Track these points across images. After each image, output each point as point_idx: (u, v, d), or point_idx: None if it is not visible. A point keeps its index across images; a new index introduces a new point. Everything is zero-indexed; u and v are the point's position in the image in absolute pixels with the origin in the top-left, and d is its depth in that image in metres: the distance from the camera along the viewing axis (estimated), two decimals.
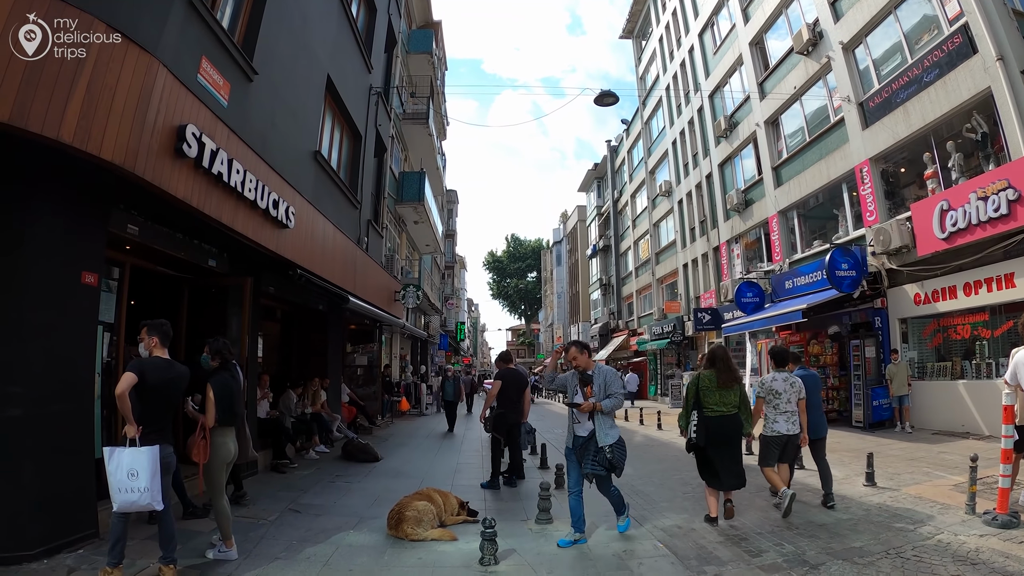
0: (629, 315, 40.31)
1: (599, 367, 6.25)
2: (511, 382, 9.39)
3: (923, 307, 14.03)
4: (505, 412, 9.24)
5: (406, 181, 22.83)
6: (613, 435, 6.01)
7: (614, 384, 6.07)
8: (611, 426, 6.06)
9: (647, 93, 36.25)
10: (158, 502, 4.64)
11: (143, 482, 4.54)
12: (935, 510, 6.76)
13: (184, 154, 5.97)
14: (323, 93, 12.11)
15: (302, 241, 9.70)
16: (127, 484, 4.51)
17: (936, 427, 13.21)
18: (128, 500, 4.52)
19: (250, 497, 7.64)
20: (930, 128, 13.92)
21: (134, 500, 4.54)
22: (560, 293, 65.04)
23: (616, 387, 6.07)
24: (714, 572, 5.17)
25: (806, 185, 19.04)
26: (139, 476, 4.53)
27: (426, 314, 32.27)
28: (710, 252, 26.62)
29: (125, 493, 4.51)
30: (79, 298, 5.66)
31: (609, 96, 15.22)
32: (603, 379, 6.07)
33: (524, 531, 6.56)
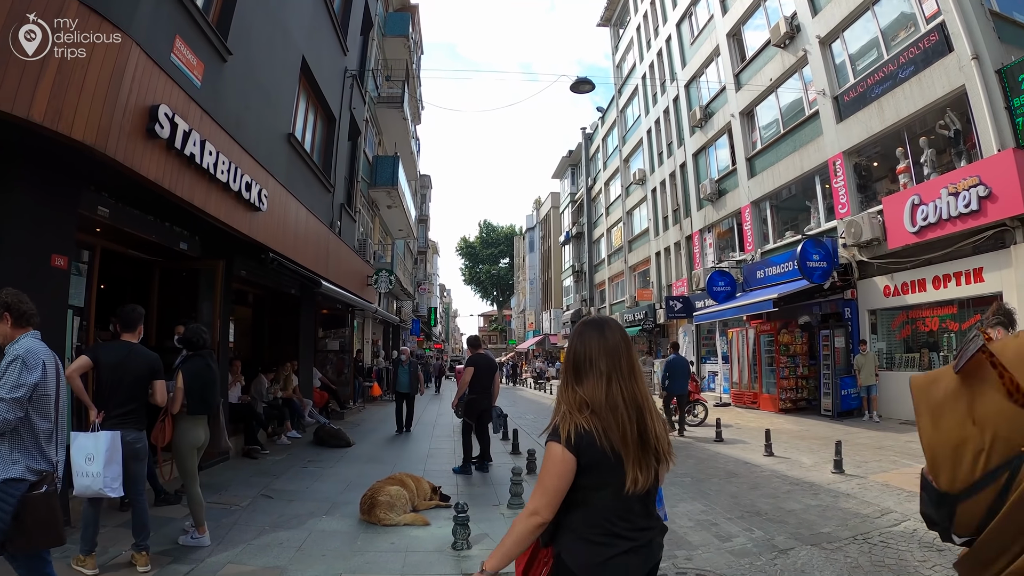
0: (601, 302, 40.54)
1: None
2: (483, 367, 9.39)
3: (892, 299, 14.33)
4: (477, 397, 9.27)
5: (380, 165, 22.63)
6: None
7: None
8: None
9: (623, 81, 36.31)
10: (112, 489, 4.51)
11: (97, 467, 4.43)
12: (902, 497, 6.96)
13: (156, 135, 5.84)
14: (298, 75, 11.92)
15: (275, 224, 9.58)
16: (83, 468, 4.42)
17: (903, 417, 13.53)
18: (83, 484, 4.44)
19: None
20: (904, 124, 14.16)
21: (88, 484, 4.43)
22: (532, 279, 65.12)
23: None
24: (684, 556, 5.27)
25: (780, 176, 19.27)
26: (94, 460, 4.43)
27: (398, 299, 32.13)
28: (683, 241, 26.85)
29: (81, 477, 4.43)
30: (48, 281, 5.54)
31: (585, 83, 15.25)
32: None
33: (496, 516, 6.63)
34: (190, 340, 5.67)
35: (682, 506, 7.02)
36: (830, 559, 5.03)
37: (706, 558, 5.22)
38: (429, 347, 48.39)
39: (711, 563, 5.07)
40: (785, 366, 16.69)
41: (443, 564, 5.13)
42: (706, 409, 14.71)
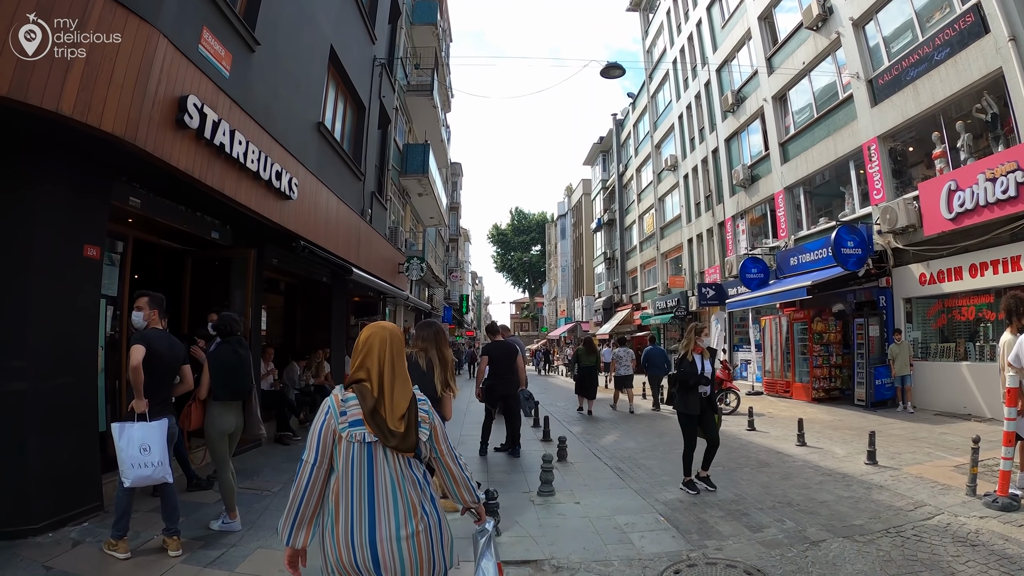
0: (633, 289, 40.28)
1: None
2: (498, 355, 9.46)
3: (928, 287, 13.96)
4: (494, 384, 9.36)
5: (410, 153, 22.67)
6: None
7: None
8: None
9: (654, 66, 35.81)
10: (169, 475, 4.70)
11: (155, 456, 4.59)
12: (936, 490, 6.78)
13: (186, 125, 5.91)
14: (326, 64, 11.97)
15: (305, 212, 9.66)
16: (139, 459, 4.53)
17: (938, 408, 13.23)
18: (141, 475, 4.56)
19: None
20: (940, 107, 13.72)
21: (148, 474, 4.58)
22: (564, 267, 64.90)
23: None
24: (715, 546, 5.20)
25: (813, 162, 18.87)
26: (152, 450, 4.57)
27: (430, 287, 32.28)
28: (715, 227, 26.50)
29: (138, 468, 4.54)
30: (81, 271, 5.65)
31: (615, 68, 15.07)
32: None
33: (526, 503, 6.63)
34: (222, 327, 5.75)
35: (713, 495, 6.95)
36: (862, 552, 4.93)
37: (736, 548, 5.15)
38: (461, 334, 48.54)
39: (741, 554, 5.00)
40: (818, 355, 16.41)
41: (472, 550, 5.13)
42: (738, 398, 14.57)
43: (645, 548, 5.19)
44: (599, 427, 12.88)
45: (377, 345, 2.54)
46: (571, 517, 6.13)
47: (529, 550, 5.15)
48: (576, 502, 6.67)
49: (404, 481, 2.44)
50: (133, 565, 4.57)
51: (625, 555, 5.03)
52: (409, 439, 2.45)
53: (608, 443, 10.76)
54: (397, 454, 2.43)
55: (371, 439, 2.39)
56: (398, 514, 2.37)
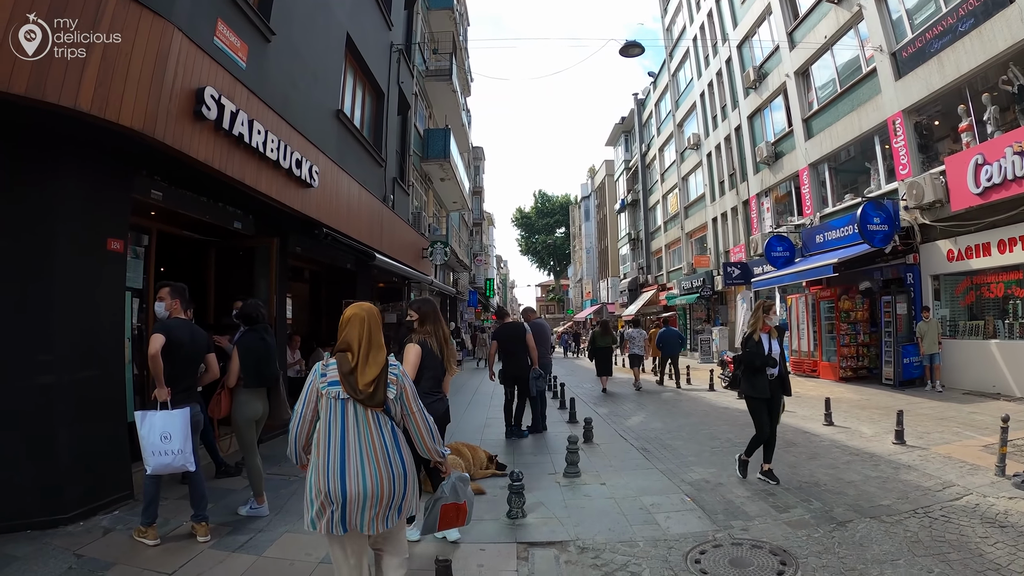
0: (658, 270, 40.03)
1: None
2: (505, 338, 9.66)
3: (956, 264, 13.64)
4: (505, 367, 9.62)
5: (431, 138, 22.65)
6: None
7: None
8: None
9: (674, 44, 35.35)
10: (191, 463, 4.76)
11: (176, 444, 4.65)
12: (964, 470, 6.68)
13: (204, 116, 5.96)
14: (343, 51, 11.97)
15: (327, 200, 9.70)
16: (160, 447, 4.60)
17: (967, 387, 12.99)
18: (162, 463, 4.63)
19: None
20: (965, 80, 13.32)
21: (168, 462, 4.64)
22: (589, 248, 64.69)
23: None
24: (741, 527, 5.18)
25: (837, 137, 18.50)
26: (172, 438, 4.64)
27: (455, 271, 32.34)
28: (740, 206, 26.19)
29: (159, 456, 4.60)
30: (105, 265, 5.74)
31: (634, 47, 14.91)
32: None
33: (552, 484, 6.66)
34: (247, 315, 5.81)
35: (738, 477, 6.90)
36: (889, 532, 4.86)
37: (763, 528, 5.12)
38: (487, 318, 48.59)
39: (768, 534, 4.97)
40: (846, 333, 16.17)
41: (498, 532, 5.18)
42: None
43: (671, 529, 5.19)
44: (625, 408, 12.87)
45: (356, 323, 3.19)
46: (597, 498, 6.15)
47: (555, 531, 5.17)
48: (602, 483, 6.68)
49: (371, 431, 3.07)
50: (162, 551, 4.66)
51: (650, 535, 5.03)
52: (376, 396, 3.07)
53: (634, 424, 10.75)
54: (367, 409, 3.07)
55: (344, 396, 3.04)
56: (362, 455, 3.01)
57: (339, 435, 3.02)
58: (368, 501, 2.98)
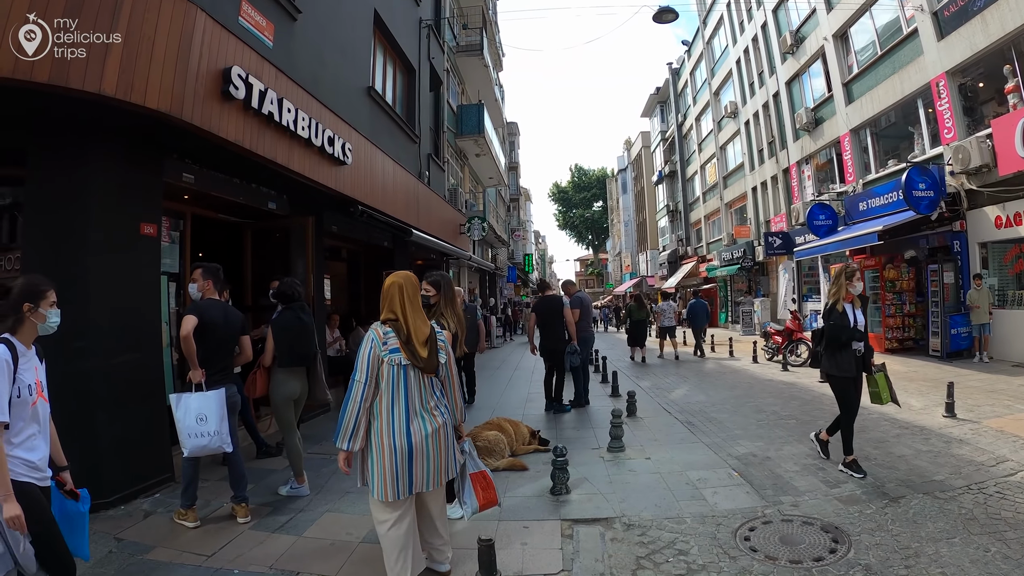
0: (698, 241, 39.39)
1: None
2: (543, 311, 9.61)
3: (1004, 231, 13.01)
4: (542, 340, 9.59)
5: (464, 114, 22.51)
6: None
7: None
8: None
9: (707, 11, 34.37)
10: (228, 444, 4.75)
11: (212, 425, 4.63)
12: (1018, 445, 6.38)
13: (232, 96, 5.90)
14: (371, 28, 11.86)
15: (361, 177, 9.65)
16: (196, 428, 4.60)
17: (1016, 358, 12.47)
18: (199, 444, 4.63)
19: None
20: (1010, 39, 12.60)
21: (205, 444, 4.64)
22: (627, 221, 64.02)
23: None
24: (791, 502, 5.02)
25: (879, 101, 17.79)
26: (208, 420, 4.62)
27: (493, 247, 32.26)
28: (779, 174, 25.52)
29: (195, 438, 4.60)
30: (139, 250, 5.75)
31: (668, 12, 14.48)
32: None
33: (595, 459, 6.56)
34: (284, 293, 5.79)
35: (787, 448, 6.73)
36: (943, 510, 4.64)
37: (813, 504, 4.95)
38: (526, 293, 48.51)
39: (818, 510, 4.80)
40: (891, 303, 15.63)
41: (541, 509, 5.10)
42: (809, 349, 14.08)
43: (718, 504, 5.05)
44: (667, 381, 12.69)
45: (396, 292, 3.54)
46: (642, 473, 6.03)
47: (600, 508, 5.07)
48: (647, 458, 6.56)
49: (427, 392, 3.53)
50: (203, 533, 4.69)
51: (698, 512, 4.91)
52: (432, 362, 3.50)
53: (677, 397, 10.58)
54: (423, 374, 3.49)
55: (405, 363, 3.42)
56: (423, 416, 3.47)
57: (403, 399, 3.42)
58: (431, 452, 3.44)
